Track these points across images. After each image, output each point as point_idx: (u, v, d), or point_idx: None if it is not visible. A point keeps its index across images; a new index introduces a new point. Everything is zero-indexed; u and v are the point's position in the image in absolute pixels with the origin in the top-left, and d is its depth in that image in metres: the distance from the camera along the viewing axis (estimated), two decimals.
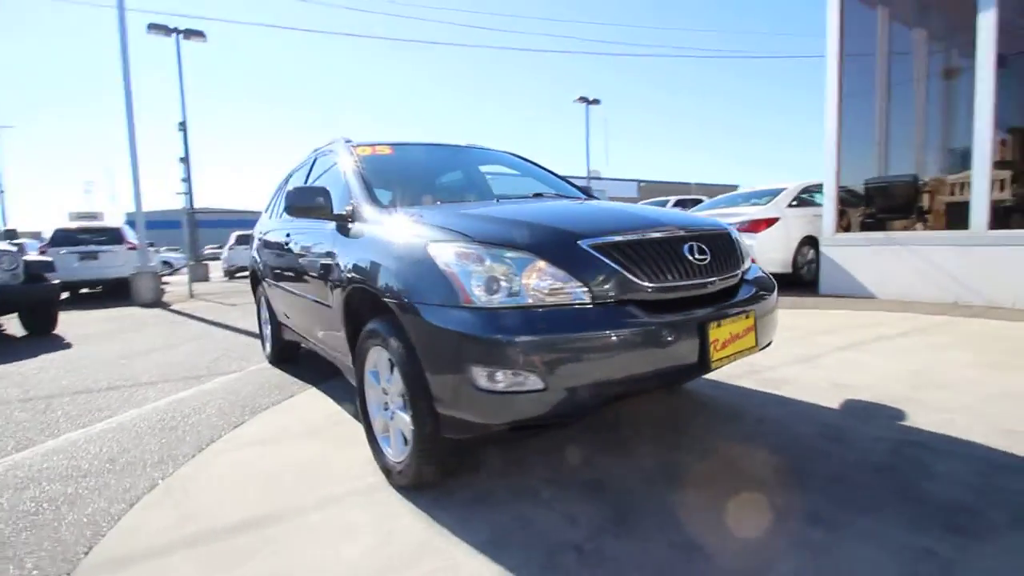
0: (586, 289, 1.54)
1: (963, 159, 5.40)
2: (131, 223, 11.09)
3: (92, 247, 10.07)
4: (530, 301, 1.51)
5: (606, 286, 1.56)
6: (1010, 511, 1.56)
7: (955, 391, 2.57)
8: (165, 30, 14.57)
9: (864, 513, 1.59)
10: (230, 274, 17.40)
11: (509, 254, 1.56)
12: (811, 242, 6.72)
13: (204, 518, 1.81)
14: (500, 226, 1.75)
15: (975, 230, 4.56)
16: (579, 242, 1.61)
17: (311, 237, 2.64)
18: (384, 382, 1.96)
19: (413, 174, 2.78)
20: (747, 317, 1.75)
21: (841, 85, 5.45)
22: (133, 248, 10.29)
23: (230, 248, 17.30)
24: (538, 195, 2.72)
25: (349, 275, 2.07)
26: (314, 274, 2.54)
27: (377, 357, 1.99)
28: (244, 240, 17.51)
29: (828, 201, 5.72)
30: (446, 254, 1.60)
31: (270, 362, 4.02)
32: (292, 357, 3.95)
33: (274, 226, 3.55)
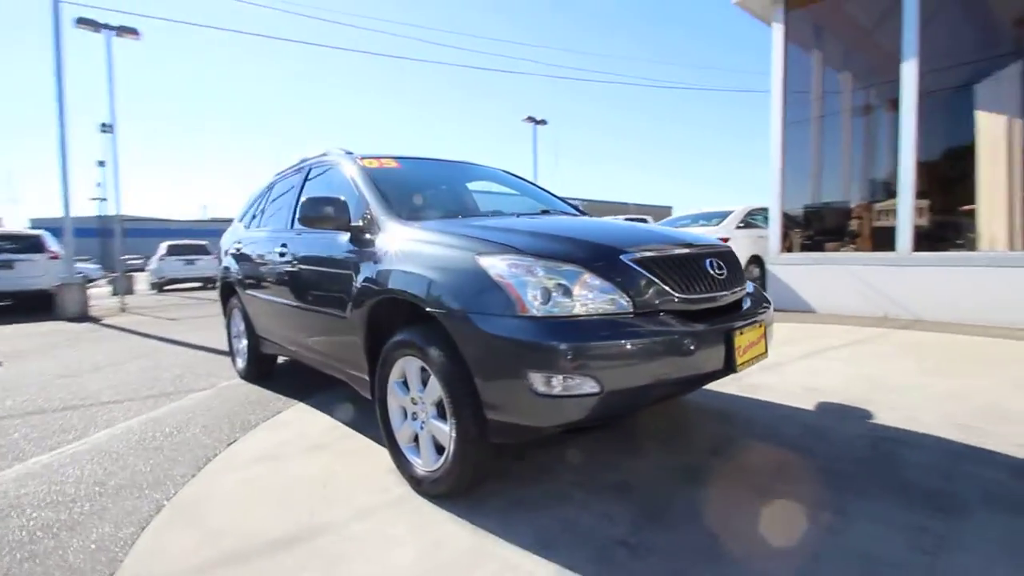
0: (628, 299, 1.67)
1: (885, 188, 6.10)
2: (53, 231, 10.15)
3: (6, 256, 9.12)
4: (580, 311, 1.61)
5: (645, 296, 1.70)
6: (978, 493, 1.81)
7: (908, 394, 2.91)
8: (95, 25, 13.58)
9: (862, 498, 1.80)
10: (159, 287, 16.20)
11: (561, 267, 1.66)
12: (756, 261, 7.29)
13: (230, 537, 1.74)
14: (546, 240, 1.84)
15: (901, 252, 5.15)
16: (621, 256, 1.74)
17: (318, 248, 2.61)
18: (415, 392, 1.98)
19: (418, 188, 2.82)
20: (759, 326, 1.95)
21: (784, 121, 6.02)
22: (55, 257, 9.41)
23: (160, 259, 16.11)
24: (545, 211, 2.83)
25: (376, 286, 2.08)
26: (323, 285, 2.51)
27: (406, 367, 2.00)
28: (178, 251, 16.42)
29: (774, 224, 6.25)
30: (499, 266, 1.68)
31: (243, 377, 3.85)
32: (268, 372, 3.81)
33: (258, 236, 3.44)
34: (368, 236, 2.28)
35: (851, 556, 1.48)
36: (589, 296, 1.64)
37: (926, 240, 5.18)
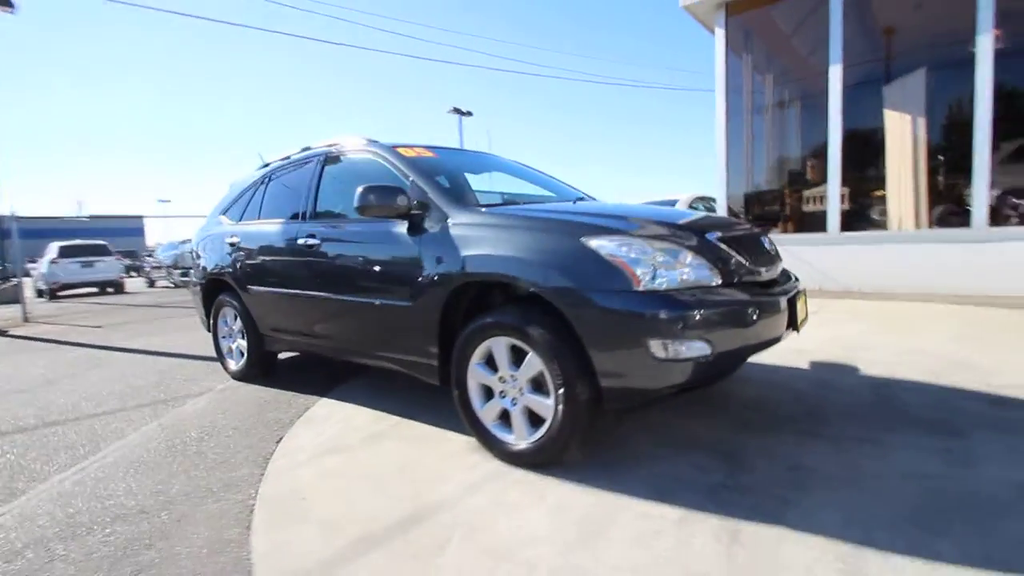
0: (717, 272, 1.88)
1: (809, 175, 6.93)
2: None
3: None
4: (681, 285, 1.80)
5: (729, 270, 1.92)
6: (971, 420, 2.24)
7: (877, 351, 3.42)
8: None
9: (889, 432, 2.16)
10: (51, 293, 14.29)
11: (665, 245, 1.84)
12: None
13: (352, 524, 1.75)
14: (642, 223, 2.00)
15: (831, 232, 5.91)
16: (707, 235, 1.95)
17: (369, 237, 2.57)
18: (504, 371, 2.07)
19: (461, 175, 2.86)
20: (804, 294, 2.25)
21: (728, 116, 6.61)
22: None
23: (52, 262, 14.17)
24: (580, 199, 2.97)
25: (458, 272, 2.13)
26: (376, 274, 2.49)
27: (493, 348, 2.08)
28: (73, 252, 14.54)
29: (720, 209, 6.85)
30: (609, 246, 1.81)
31: (239, 378, 3.65)
32: (268, 371, 3.63)
33: (266, 229, 3.26)
34: (430, 224, 2.31)
35: (906, 475, 1.81)
36: (687, 271, 1.83)
37: (850, 221, 5.97)
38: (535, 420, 2.02)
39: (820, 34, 5.95)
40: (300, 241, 2.92)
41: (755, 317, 1.83)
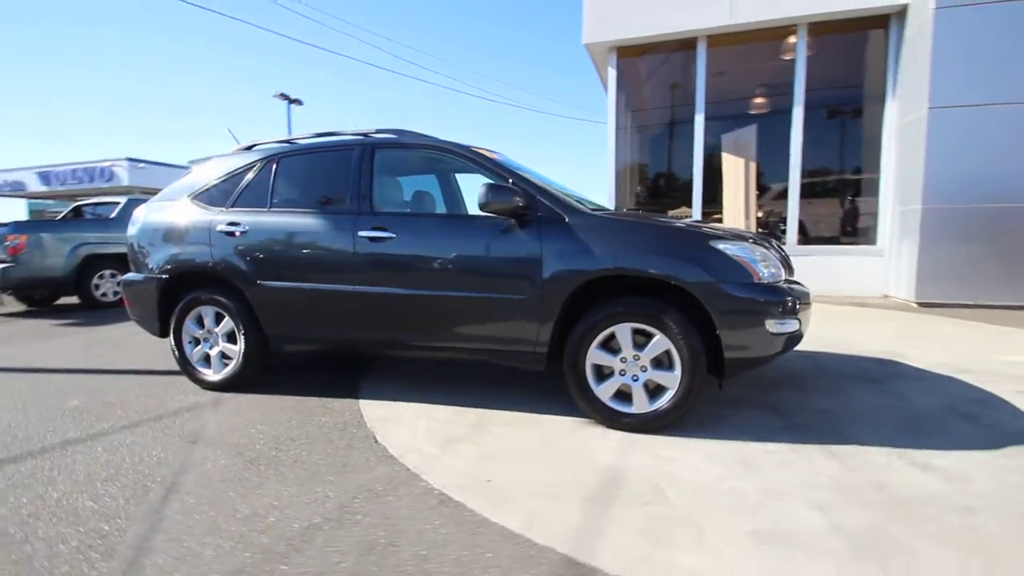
0: (784, 270, 2.57)
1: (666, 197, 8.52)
2: None
3: None
4: (775, 279, 2.43)
5: (789, 268, 2.63)
6: (875, 373, 3.37)
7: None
8: None
9: (844, 383, 3.13)
10: None
11: (762, 248, 2.44)
12: None
13: (566, 491, 1.94)
14: (741, 233, 2.57)
15: None
16: (771, 242, 2.62)
17: (469, 233, 2.65)
18: (627, 352, 2.44)
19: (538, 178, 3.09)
20: None
21: (616, 139, 7.76)
22: None
23: None
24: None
25: (590, 268, 2.42)
26: (489, 268, 2.60)
27: (617, 332, 2.43)
28: None
29: None
30: (734, 248, 2.35)
31: (218, 388, 3.17)
32: (256, 376, 3.23)
33: (302, 220, 2.96)
34: (546, 222, 2.54)
35: (877, 407, 2.74)
36: (775, 269, 2.47)
37: None
38: (654, 393, 2.44)
39: (682, 81, 7.48)
40: (362, 234, 2.78)
41: (809, 302, 2.57)
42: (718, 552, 1.58)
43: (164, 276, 3.21)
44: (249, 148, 3.43)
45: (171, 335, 3.26)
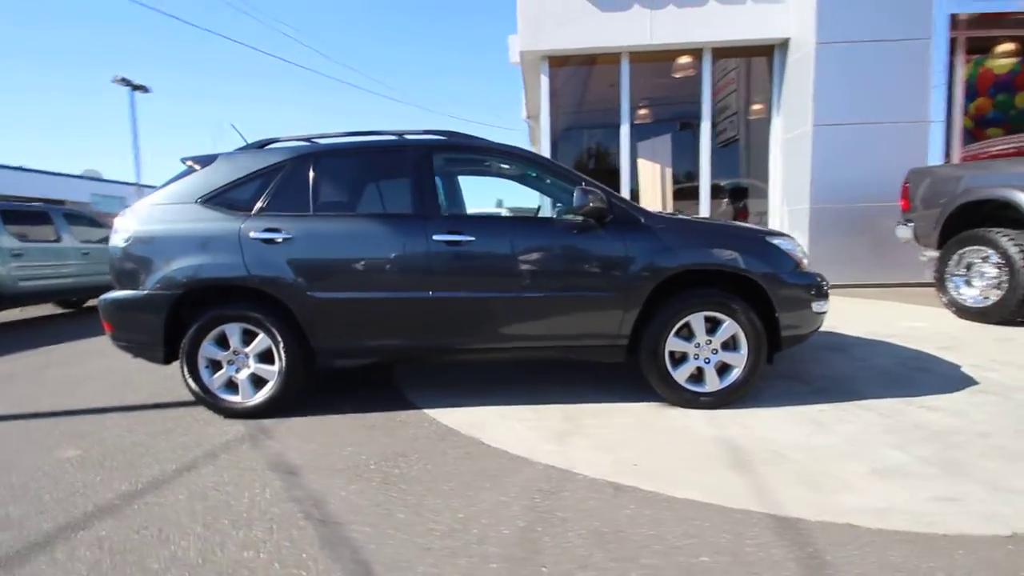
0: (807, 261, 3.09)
1: None
2: None
3: None
4: (809, 268, 2.92)
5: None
6: (845, 343, 4.13)
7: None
8: None
9: (834, 352, 3.81)
10: None
11: (796, 241, 2.90)
12: None
13: (700, 461, 2.18)
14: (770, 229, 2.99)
15: None
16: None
17: (554, 235, 2.74)
18: (700, 338, 2.75)
19: None
20: None
21: (552, 140, 8.15)
22: None
23: None
24: None
25: (675, 264, 2.68)
26: (576, 268, 2.73)
27: (691, 321, 2.73)
28: None
29: None
30: (784, 244, 2.77)
31: (252, 415, 2.84)
32: (298, 397, 2.95)
33: (362, 225, 2.79)
34: (625, 224, 2.75)
35: (867, 366, 3.41)
36: (807, 260, 2.96)
37: None
38: (721, 372, 2.79)
39: (603, 92, 8.14)
40: (437, 238, 2.70)
41: None
42: (862, 489, 1.94)
43: (176, 293, 2.77)
44: (262, 146, 3.10)
45: (183, 360, 2.82)
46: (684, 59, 8.14)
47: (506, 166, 3.08)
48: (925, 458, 2.17)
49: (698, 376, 2.79)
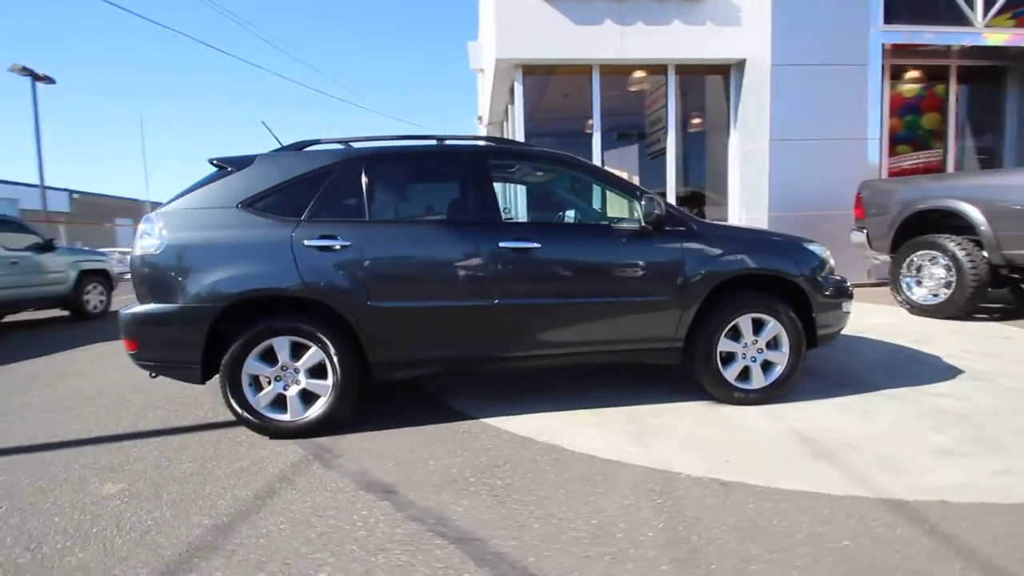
0: None
1: None
2: None
3: None
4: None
5: None
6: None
7: None
8: None
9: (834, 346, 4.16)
10: None
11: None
12: None
13: (782, 453, 2.33)
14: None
15: None
16: None
17: (615, 242, 2.80)
18: (748, 338, 2.92)
19: None
20: None
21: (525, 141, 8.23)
22: None
23: None
24: None
25: (731, 268, 2.84)
26: (639, 274, 2.81)
27: (739, 322, 2.90)
28: None
29: None
30: (819, 249, 3.01)
31: (302, 433, 2.65)
32: (352, 413, 2.79)
33: (426, 231, 2.74)
34: (680, 231, 2.87)
35: (869, 359, 3.77)
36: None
37: None
38: (765, 369, 2.98)
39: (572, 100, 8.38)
40: (504, 245, 2.68)
41: None
42: (932, 469, 2.17)
43: (221, 306, 2.53)
44: (300, 148, 2.92)
45: (225, 378, 2.59)
46: (639, 73, 8.58)
47: (557, 174, 3.12)
48: (963, 439, 2.45)
49: (743, 374, 2.97)
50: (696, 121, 9.35)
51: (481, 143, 2.97)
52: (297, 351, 2.67)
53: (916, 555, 1.62)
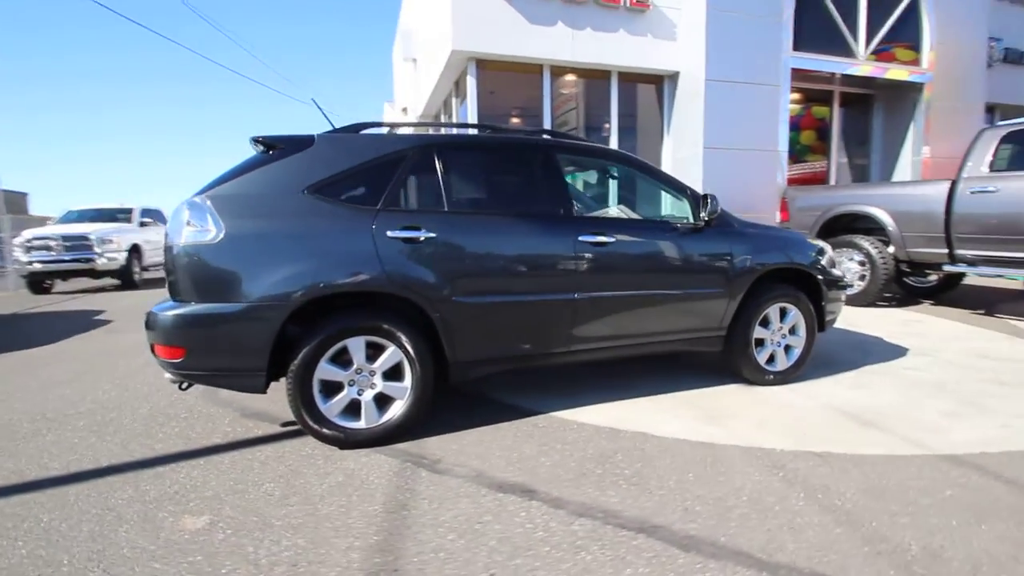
0: None
1: None
2: None
3: None
4: None
5: None
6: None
7: None
8: None
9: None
10: None
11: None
12: None
13: (844, 423, 2.66)
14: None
15: None
16: None
17: (677, 237, 2.94)
18: (776, 323, 3.26)
19: None
20: None
21: None
22: None
23: None
24: None
25: (770, 262, 3.13)
26: (696, 267, 2.98)
27: (769, 312, 3.23)
28: None
29: None
30: (825, 246, 3.44)
31: (371, 442, 2.44)
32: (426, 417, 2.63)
33: (500, 225, 2.61)
34: (726, 228, 3.11)
35: (855, 344, 4.37)
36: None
37: None
38: (786, 352, 3.36)
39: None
40: (584, 239, 2.69)
41: None
42: (954, 428, 2.63)
43: (294, 305, 2.23)
44: (357, 130, 2.67)
45: (295, 386, 2.30)
46: (570, 77, 8.93)
47: (611, 168, 3.19)
48: (956, 401, 2.99)
49: (770, 358, 3.31)
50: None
51: (546, 136, 2.95)
52: (373, 352, 2.45)
53: (1006, 495, 1.98)
